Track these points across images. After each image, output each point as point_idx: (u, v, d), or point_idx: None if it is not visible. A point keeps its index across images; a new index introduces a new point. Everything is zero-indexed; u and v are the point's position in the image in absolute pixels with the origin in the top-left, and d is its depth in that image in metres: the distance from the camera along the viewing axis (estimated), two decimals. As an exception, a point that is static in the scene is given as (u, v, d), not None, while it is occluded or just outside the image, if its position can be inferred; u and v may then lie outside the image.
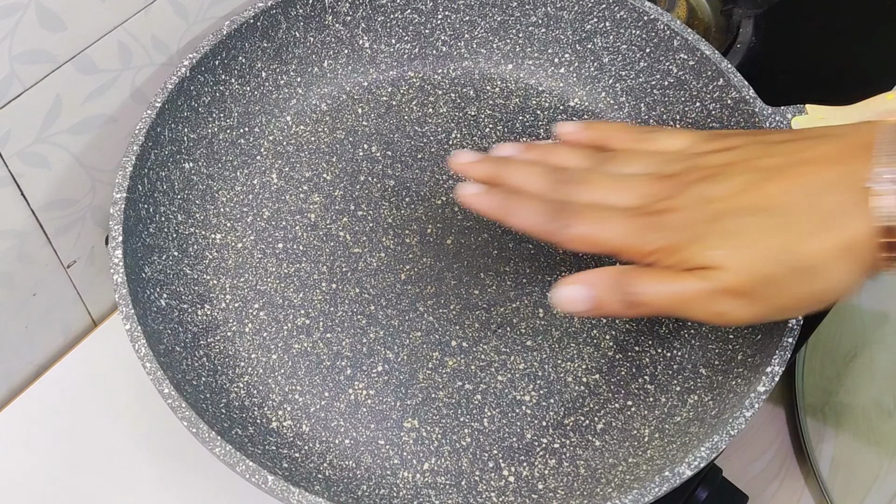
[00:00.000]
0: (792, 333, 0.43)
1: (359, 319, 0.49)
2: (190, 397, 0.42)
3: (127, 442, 0.52)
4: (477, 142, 0.56)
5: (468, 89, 0.58)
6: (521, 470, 0.45)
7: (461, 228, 0.53)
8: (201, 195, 0.52)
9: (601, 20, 0.56)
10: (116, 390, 0.54)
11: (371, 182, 0.54)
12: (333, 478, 0.45)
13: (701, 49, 0.52)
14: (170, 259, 0.49)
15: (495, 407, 0.47)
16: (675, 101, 0.55)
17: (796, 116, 0.49)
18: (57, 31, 0.44)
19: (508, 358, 0.49)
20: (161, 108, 0.48)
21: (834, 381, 0.71)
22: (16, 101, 0.44)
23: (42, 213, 0.50)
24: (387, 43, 0.57)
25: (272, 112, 0.55)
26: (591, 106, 0.57)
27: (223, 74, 0.52)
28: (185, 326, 0.48)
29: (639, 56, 0.55)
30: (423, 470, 0.45)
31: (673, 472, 0.39)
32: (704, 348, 0.49)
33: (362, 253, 0.52)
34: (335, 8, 0.55)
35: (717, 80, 0.52)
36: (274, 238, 0.52)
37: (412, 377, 0.48)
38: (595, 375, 0.48)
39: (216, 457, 0.39)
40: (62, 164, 0.49)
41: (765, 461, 0.66)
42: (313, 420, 0.46)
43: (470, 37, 0.58)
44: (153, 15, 0.49)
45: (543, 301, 0.50)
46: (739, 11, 0.67)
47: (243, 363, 0.48)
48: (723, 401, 0.44)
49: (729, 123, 0.52)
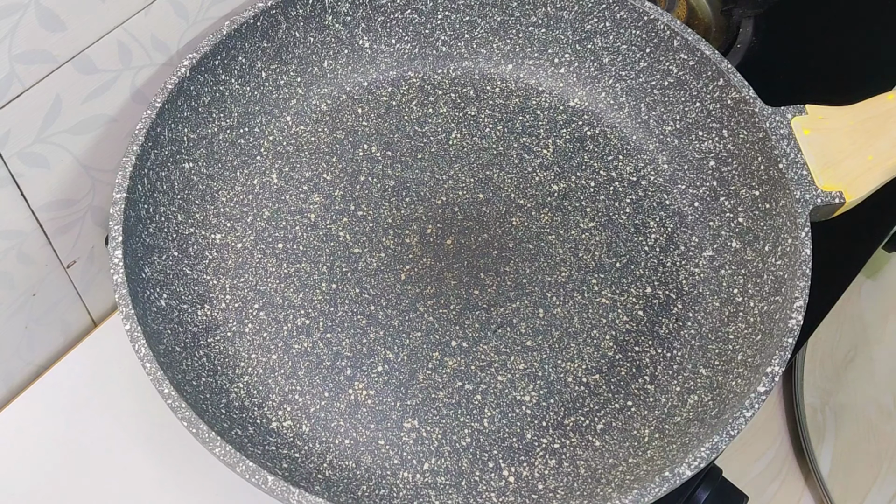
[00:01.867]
0: (792, 333, 0.43)
1: (359, 319, 0.49)
2: (190, 397, 0.42)
3: (127, 442, 0.52)
4: (477, 142, 0.56)
5: (468, 89, 0.58)
6: (521, 470, 0.45)
7: (461, 228, 0.53)
8: (201, 195, 0.52)
9: (601, 20, 0.55)
10: (116, 390, 0.54)
11: (371, 182, 0.54)
12: (333, 478, 0.45)
13: (701, 49, 0.52)
14: (170, 259, 0.49)
15: (495, 407, 0.47)
16: (675, 101, 0.55)
17: (796, 116, 0.49)
18: (57, 31, 0.44)
19: (508, 358, 0.49)
20: (161, 108, 0.48)
21: (834, 381, 0.71)
22: (16, 101, 0.44)
23: (42, 213, 0.50)
24: (387, 43, 0.57)
25: (272, 112, 0.55)
26: (591, 106, 0.57)
27: (223, 74, 0.52)
28: (185, 326, 0.48)
29: (639, 56, 0.55)
30: (423, 470, 0.45)
31: (673, 473, 0.39)
32: (704, 348, 0.49)
33: (362, 253, 0.52)
34: (335, 8, 0.55)
35: (717, 80, 0.52)
36: (274, 238, 0.52)
37: (412, 377, 0.48)
38: (595, 375, 0.48)
39: (216, 457, 0.39)
40: (62, 164, 0.49)
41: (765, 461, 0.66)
42: (313, 420, 0.46)
43: (470, 37, 0.58)
44: (153, 15, 0.49)
45: (543, 301, 0.50)
46: (739, 11, 0.67)
47: (243, 363, 0.48)
48: (723, 401, 0.44)
49: (729, 124, 0.52)
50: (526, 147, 0.56)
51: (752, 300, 0.48)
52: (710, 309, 0.50)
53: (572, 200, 0.54)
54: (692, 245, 0.53)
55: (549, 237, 0.53)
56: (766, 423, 0.67)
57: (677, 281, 0.51)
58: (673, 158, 0.55)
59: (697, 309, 0.50)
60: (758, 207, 0.50)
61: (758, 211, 0.50)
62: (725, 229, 0.52)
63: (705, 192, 0.54)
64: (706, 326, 0.50)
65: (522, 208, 0.54)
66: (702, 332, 0.49)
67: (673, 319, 0.50)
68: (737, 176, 0.52)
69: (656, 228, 0.53)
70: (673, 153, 0.55)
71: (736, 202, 0.52)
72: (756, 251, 0.50)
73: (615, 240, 0.53)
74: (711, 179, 0.53)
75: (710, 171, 0.53)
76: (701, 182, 0.54)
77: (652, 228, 0.53)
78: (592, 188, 0.55)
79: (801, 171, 0.48)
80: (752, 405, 0.41)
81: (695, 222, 0.53)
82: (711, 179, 0.53)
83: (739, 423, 0.40)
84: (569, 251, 0.52)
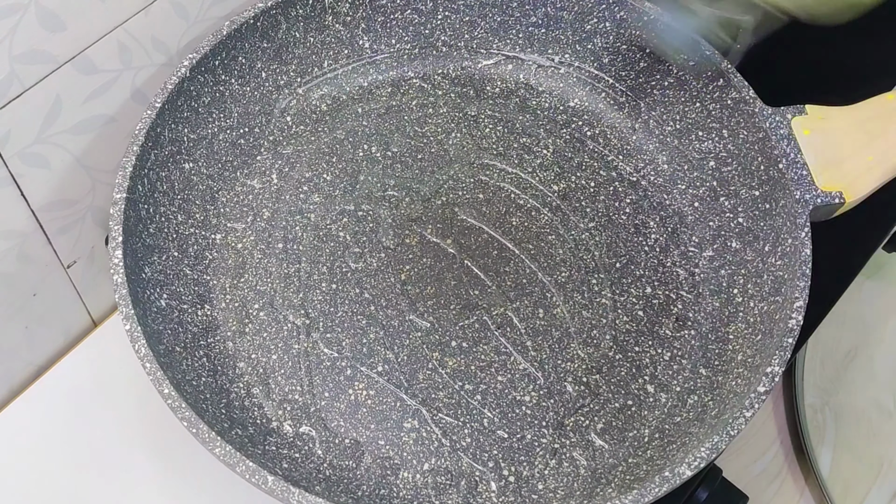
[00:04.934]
0: (792, 333, 0.43)
1: (359, 319, 0.49)
2: (190, 397, 0.42)
3: (127, 442, 0.52)
4: (477, 142, 0.56)
5: (468, 89, 0.58)
6: (521, 470, 0.45)
7: (461, 228, 0.53)
8: (201, 195, 0.52)
9: (601, 20, 0.55)
10: (116, 390, 0.54)
11: (371, 182, 0.54)
12: (333, 478, 0.45)
13: (701, 49, 0.52)
14: (170, 259, 0.49)
15: (495, 407, 0.47)
16: (675, 101, 0.55)
17: (796, 116, 0.49)
18: (57, 31, 0.44)
19: (508, 358, 0.49)
20: (161, 109, 0.48)
21: (834, 381, 0.71)
22: (16, 102, 0.44)
23: (42, 213, 0.50)
24: (387, 43, 0.57)
25: (272, 112, 0.55)
26: (591, 106, 0.57)
27: (223, 74, 0.52)
28: (185, 326, 0.48)
29: (639, 56, 0.55)
30: (423, 470, 0.45)
31: (673, 473, 0.39)
32: (704, 348, 0.49)
33: (362, 253, 0.52)
34: (335, 8, 0.55)
35: (717, 80, 0.52)
36: (274, 238, 0.52)
37: (412, 377, 0.48)
38: (595, 375, 0.48)
39: (216, 457, 0.39)
40: (62, 164, 0.49)
41: (765, 461, 0.66)
42: (313, 420, 0.46)
43: (470, 37, 0.58)
44: (153, 15, 0.49)
45: (543, 301, 0.50)
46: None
47: (243, 363, 0.48)
48: (723, 401, 0.44)
49: (729, 124, 0.52)
50: (526, 147, 0.56)
51: (752, 300, 0.48)
52: (710, 309, 0.50)
53: (572, 200, 0.54)
54: (692, 245, 0.53)
55: (549, 237, 0.53)
56: (766, 423, 0.67)
57: (677, 281, 0.51)
58: (673, 158, 0.55)
59: (697, 309, 0.50)
60: (758, 207, 0.50)
61: (758, 211, 0.50)
62: (725, 229, 0.52)
63: (705, 193, 0.54)
64: (706, 326, 0.50)
65: (522, 208, 0.54)
66: (702, 332, 0.49)
67: (673, 319, 0.50)
68: (737, 176, 0.52)
69: (656, 228, 0.53)
70: (673, 153, 0.55)
71: (736, 202, 0.52)
72: (756, 251, 0.50)
73: (615, 240, 0.53)
74: (711, 179, 0.53)
75: (710, 171, 0.53)
76: (701, 182, 0.54)
77: (652, 228, 0.53)
78: (592, 188, 0.55)
79: (801, 172, 0.48)
80: (752, 405, 0.41)
81: (695, 222, 0.53)
82: (711, 179, 0.53)
83: (739, 423, 0.40)
84: (569, 251, 0.52)
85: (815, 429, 0.68)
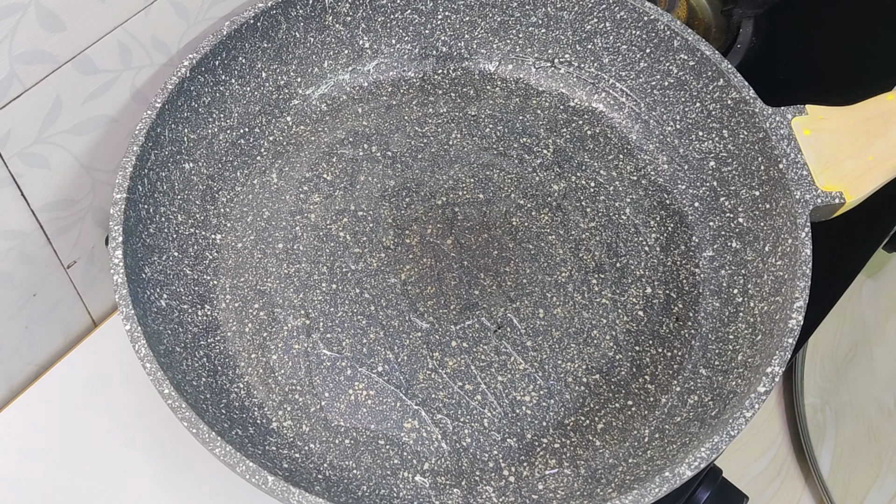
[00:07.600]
0: (792, 333, 0.43)
1: (359, 319, 0.49)
2: (190, 397, 0.42)
3: (127, 442, 0.52)
4: (477, 142, 0.56)
5: (468, 89, 0.58)
6: (521, 470, 0.45)
7: (461, 228, 0.53)
8: (201, 195, 0.52)
9: (601, 20, 0.55)
10: (116, 390, 0.54)
11: (371, 182, 0.54)
12: (333, 478, 0.45)
13: (701, 49, 0.52)
14: (170, 259, 0.49)
15: (495, 407, 0.47)
16: (675, 101, 0.55)
17: (796, 116, 0.49)
18: (57, 31, 0.44)
19: (508, 358, 0.49)
20: (161, 109, 0.48)
21: (834, 381, 0.71)
22: (16, 102, 0.44)
23: (42, 213, 0.50)
24: (387, 43, 0.57)
25: (272, 112, 0.55)
26: (591, 106, 0.57)
27: (223, 75, 0.52)
28: (185, 327, 0.48)
29: (639, 56, 0.55)
30: (423, 470, 0.45)
31: (673, 473, 0.39)
32: (704, 348, 0.49)
33: (362, 253, 0.52)
34: (335, 8, 0.55)
35: (717, 80, 0.52)
36: (274, 238, 0.52)
37: (412, 377, 0.48)
38: (595, 375, 0.48)
39: (216, 457, 0.39)
40: (62, 164, 0.49)
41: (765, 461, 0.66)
42: (313, 420, 0.46)
43: (470, 37, 0.58)
44: (153, 15, 0.49)
45: (543, 301, 0.50)
46: (739, 11, 0.67)
47: (243, 363, 0.48)
48: (723, 401, 0.44)
49: (729, 124, 0.52)
50: (526, 147, 0.56)
51: (753, 300, 0.48)
52: (710, 309, 0.50)
53: (572, 200, 0.54)
54: (692, 245, 0.53)
55: (549, 237, 0.53)
56: (766, 423, 0.67)
57: (677, 281, 0.51)
58: (673, 158, 0.55)
59: (697, 309, 0.50)
60: (758, 207, 0.50)
61: (758, 211, 0.50)
62: (725, 229, 0.52)
63: (705, 192, 0.54)
64: (706, 326, 0.50)
65: (522, 208, 0.54)
66: (702, 332, 0.49)
67: (673, 319, 0.50)
68: (737, 176, 0.52)
69: (656, 228, 0.53)
70: (673, 153, 0.55)
71: (736, 202, 0.52)
72: (756, 251, 0.50)
73: (615, 240, 0.53)
74: (711, 179, 0.53)
75: (711, 171, 0.53)
76: (701, 182, 0.54)
77: (652, 228, 0.53)
78: (592, 188, 0.55)
79: (801, 172, 0.48)
80: (752, 405, 0.41)
81: (695, 222, 0.53)
82: (711, 179, 0.53)
83: (739, 423, 0.40)
84: (569, 251, 0.52)
85: (815, 428, 0.68)
